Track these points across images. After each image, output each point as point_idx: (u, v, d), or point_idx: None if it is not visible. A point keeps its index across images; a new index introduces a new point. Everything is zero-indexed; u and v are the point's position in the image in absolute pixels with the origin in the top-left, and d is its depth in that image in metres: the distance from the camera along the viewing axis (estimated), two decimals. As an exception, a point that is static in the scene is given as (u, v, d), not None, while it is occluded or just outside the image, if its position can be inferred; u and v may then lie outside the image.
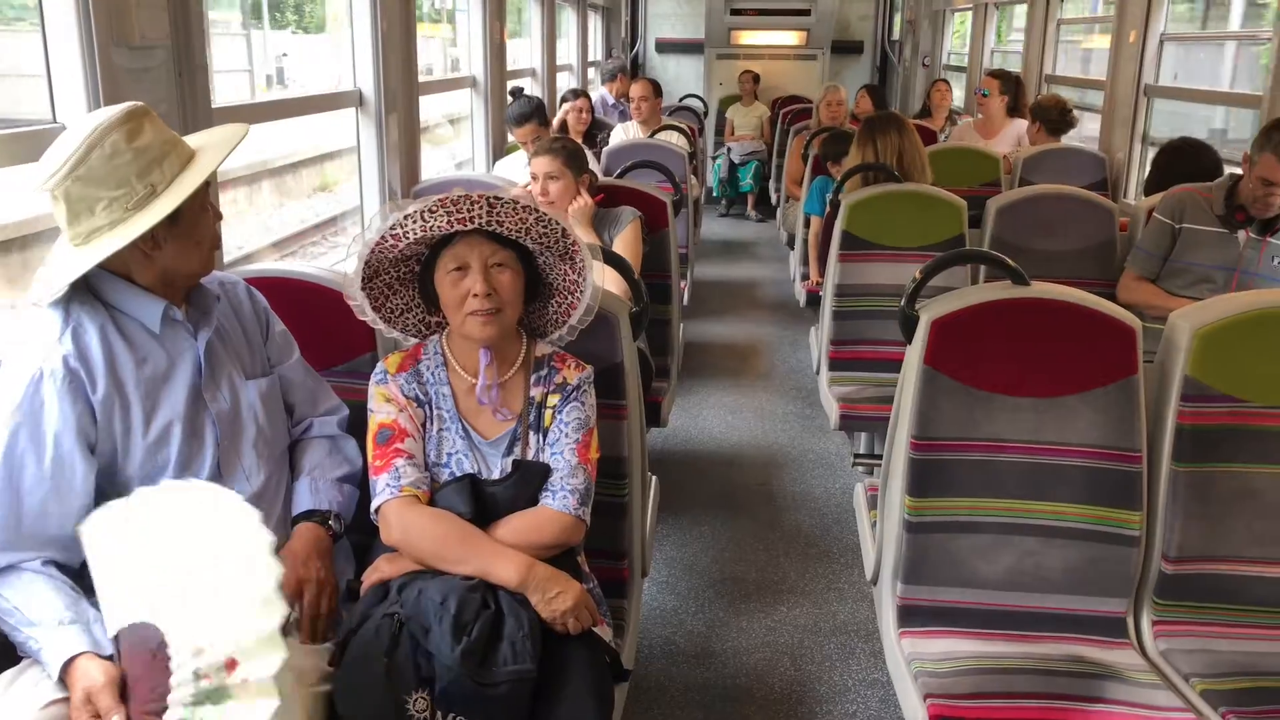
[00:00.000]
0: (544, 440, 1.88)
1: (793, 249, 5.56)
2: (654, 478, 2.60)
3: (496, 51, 5.06)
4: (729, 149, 8.97)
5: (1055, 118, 5.11)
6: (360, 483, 1.95)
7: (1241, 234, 3.11)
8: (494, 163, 4.89)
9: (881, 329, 3.47)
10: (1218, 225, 3.15)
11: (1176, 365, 2.04)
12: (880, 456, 2.27)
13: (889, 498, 2.19)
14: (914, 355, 2.10)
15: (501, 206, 1.75)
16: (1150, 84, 4.81)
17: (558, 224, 1.82)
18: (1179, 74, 5.62)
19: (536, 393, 1.90)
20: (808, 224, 4.79)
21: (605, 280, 2.06)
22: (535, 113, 4.46)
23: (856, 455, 3.46)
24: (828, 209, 4.09)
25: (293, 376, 1.98)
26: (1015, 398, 2.08)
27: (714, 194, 9.21)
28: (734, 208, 9.35)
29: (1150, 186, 3.77)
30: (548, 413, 1.88)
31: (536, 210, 1.79)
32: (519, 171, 4.30)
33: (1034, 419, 2.08)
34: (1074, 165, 4.85)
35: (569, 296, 1.93)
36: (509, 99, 4.82)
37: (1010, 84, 5.70)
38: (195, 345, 1.77)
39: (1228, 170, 3.43)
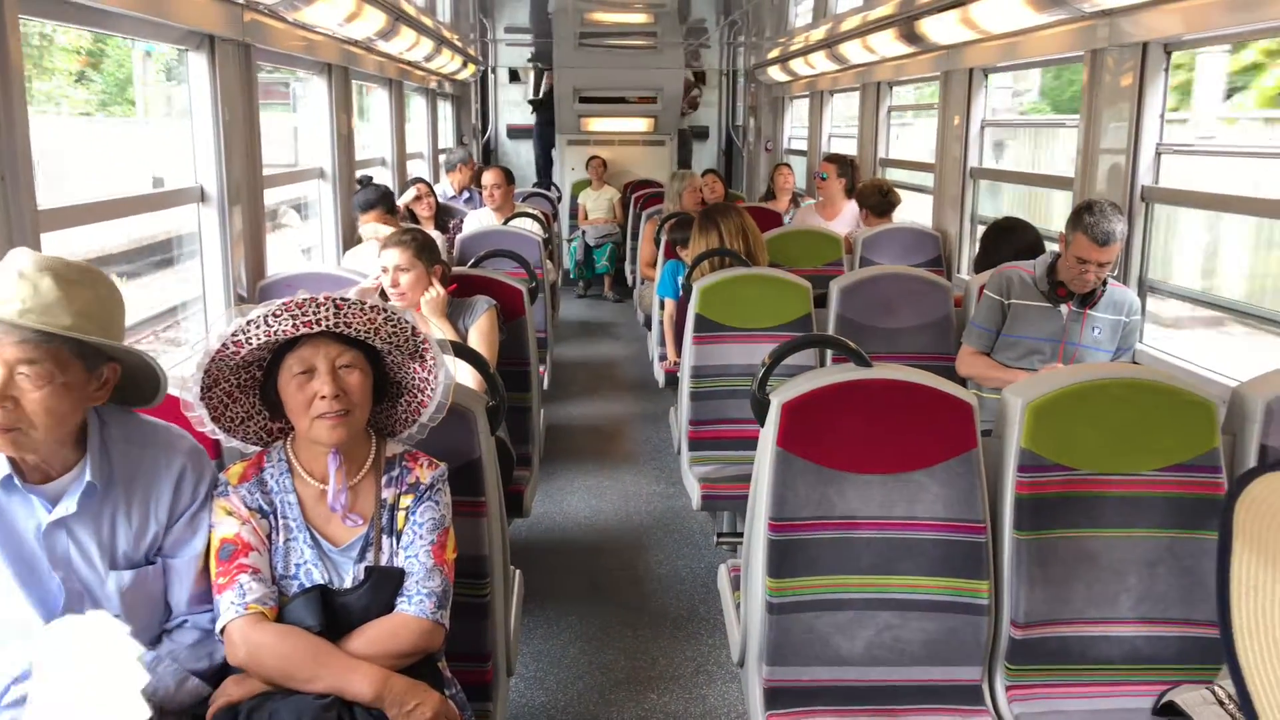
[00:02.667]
0: (398, 544, 1.83)
1: (650, 329, 5.64)
2: (517, 571, 2.55)
3: (344, 141, 5.02)
4: (583, 232, 9.09)
5: (877, 201, 5.39)
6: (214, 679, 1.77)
7: (1064, 308, 3.31)
8: (344, 253, 4.82)
9: (738, 408, 3.54)
10: (1042, 300, 3.35)
11: (1012, 438, 2.15)
12: (743, 535, 2.30)
13: (751, 579, 2.21)
14: (767, 438, 2.14)
15: (349, 308, 1.72)
16: (975, 166, 5.13)
17: (407, 323, 1.80)
18: (1031, 158, 5.98)
19: (388, 494, 1.85)
20: (663, 305, 4.88)
21: (460, 373, 2.04)
22: (380, 200, 4.42)
23: (720, 534, 3.50)
24: (680, 292, 4.17)
25: (183, 572, 1.77)
26: (866, 475, 2.14)
27: (571, 276, 9.30)
28: (591, 289, 9.45)
29: (980, 264, 3.99)
30: (400, 515, 1.84)
31: (385, 310, 1.76)
32: (369, 262, 4.24)
33: (884, 495, 2.14)
34: (910, 243, 5.11)
35: (419, 395, 1.90)
36: (357, 187, 4.78)
37: (846, 167, 5.98)
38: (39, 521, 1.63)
39: (1049, 247, 3.67)
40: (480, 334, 3.19)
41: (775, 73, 8.88)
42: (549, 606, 3.56)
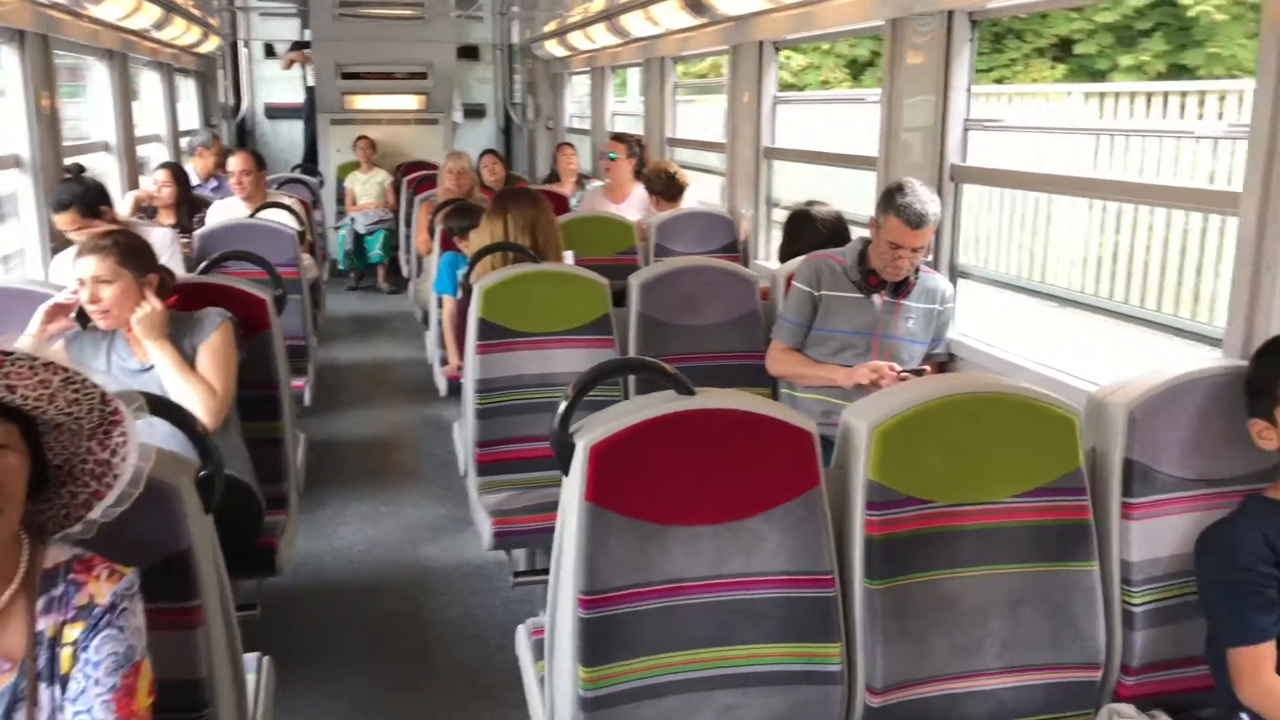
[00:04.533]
0: (63, 694, 1.29)
1: (428, 327, 5.09)
2: (265, 660, 2.03)
3: (46, 124, 4.19)
4: (352, 219, 8.35)
5: (665, 186, 5.08)
6: None
7: (877, 298, 3.06)
8: (52, 259, 4.02)
9: (531, 424, 3.09)
10: (854, 290, 3.08)
11: (858, 470, 1.81)
12: (546, 571, 1.87)
13: (557, 664, 1.78)
14: (573, 491, 1.72)
15: (11, 365, 1.18)
16: (768, 146, 4.88)
17: (95, 388, 1.27)
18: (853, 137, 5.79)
19: (47, 624, 1.30)
20: (440, 303, 4.36)
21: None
22: (78, 198, 3.63)
23: (516, 573, 3.06)
24: (460, 291, 3.68)
25: None
26: (693, 527, 1.76)
27: (340, 267, 8.55)
28: (364, 280, 8.72)
29: (785, 252, 3.70)
30: (66, 652, 1.30)
31: (66, 369, 1.23)
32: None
33: (716, 549, 1.76)
34: (705, 228, 4.81)
35: (93, 482, 1.35)
36: (66, 176, 3.98)
37: (635, 147, 5.63)
38: None
39: (855, 234, 3.42)
40: (211, 355, 2.60)
41: (553, 47, 8.42)
42: (316, 671, 3.01)
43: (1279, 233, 2.10)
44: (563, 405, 1.78)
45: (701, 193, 5.68)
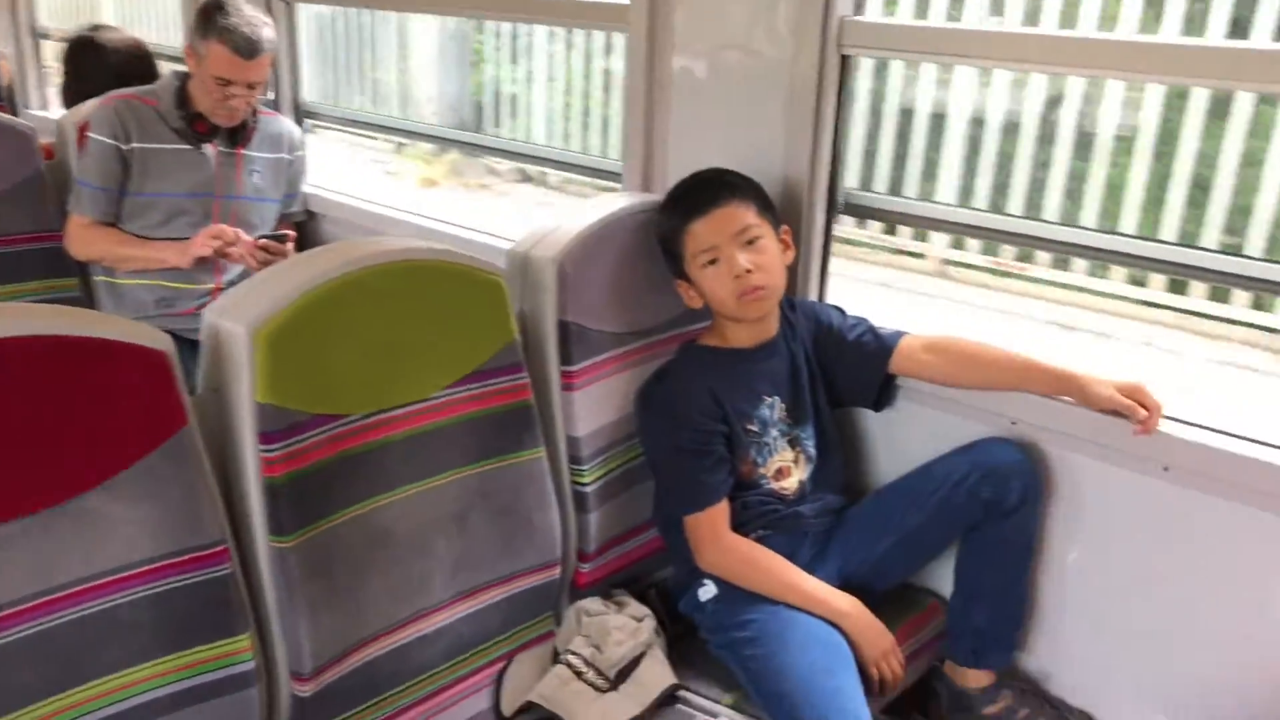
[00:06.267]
0: None
1: None
2: None
3: None
4: None
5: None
6: None
7: (209, 149, 2.41)
8: None
9: None
10: (177, 141, 2.39)
11: (241, 391, 1.28)
12: None
13: None
14: None
15: None
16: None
17: None
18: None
19: None
20: None
21: None
22: None
23: None
24: None
25: None
26: (-14, 530, 1.09)
27: None
28: None
29: (70, 95, 2.82)
30: None
31: None
32: None
33: (31, 556, 1.13)
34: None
35: None
36: None
37: None
38: None
39: (168, 68, 2.67)
40: None
41: None
42: None
43: (667, 49, 1.92)
44: None
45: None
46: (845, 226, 2.14)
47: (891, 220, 3.71)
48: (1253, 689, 1.52)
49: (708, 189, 1.63)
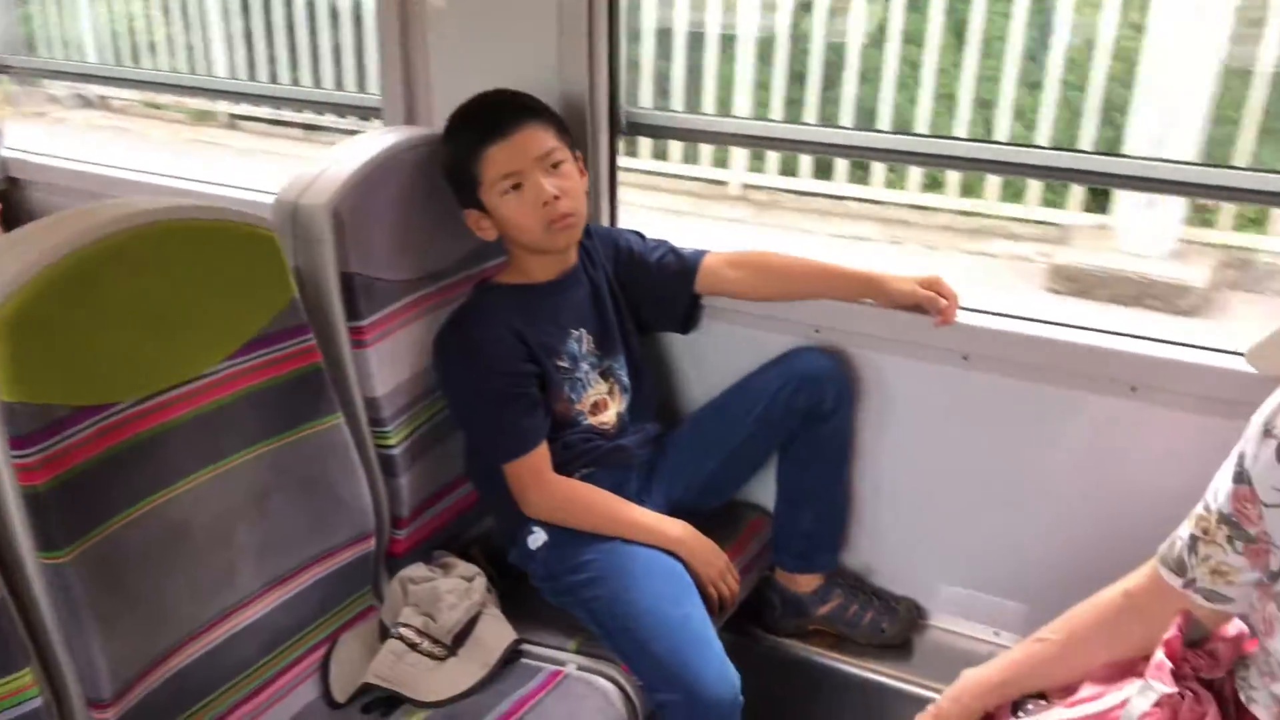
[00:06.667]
0: None
1: None
2: None
3: None
4: None
5: None
6: None
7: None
8: None
9: None
10: None
11: (-23, 392, 1.09)
12: None
13: None
14: None
15: None
16: None
17: None
18: None
19: None
20: None
21: None
22: None
23: None
24: None
25: None
26: None
27: None
28: None
29: None
30: None
31: None
32: None
33: None
34: None
35: None
36: None
37: None
38: None
39: None
40: None
41: None
42: None
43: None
44: None
45: None
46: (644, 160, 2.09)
47: (678, 137, 3.73)
48: (1057, 551, 1.62)
49: (504, 111, 1.52)
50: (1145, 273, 3.90)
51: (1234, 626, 1.08)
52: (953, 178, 4.49)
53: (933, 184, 4.58)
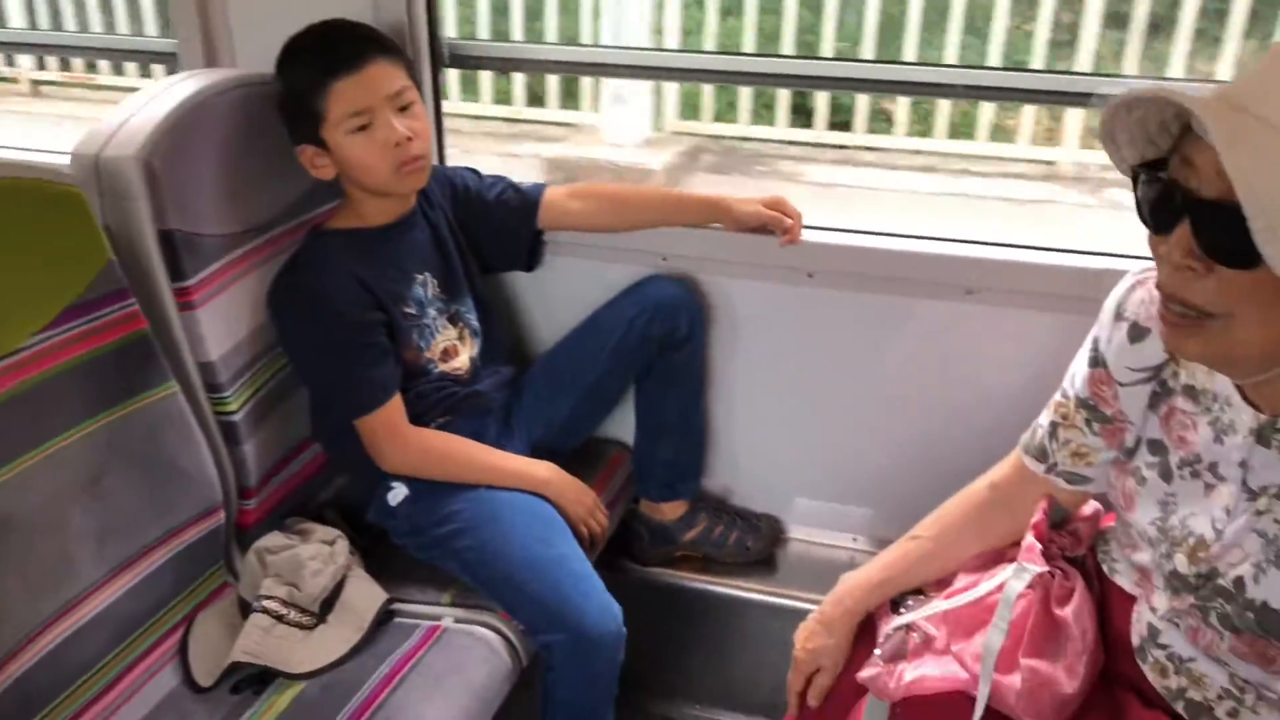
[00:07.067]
0: None
1: None
2: None
3: None
4: None
5: None
6: None
7: None
8: None
9: None
10: None
11: None
12: None
13: None
14: None
15: None
16: None
17: None
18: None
19: None
20: None
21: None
22: None
23: None
24: None
25: None
26: None
27: None
28: None
29: None
30: None
31: None
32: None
33: None
34: None
35: None
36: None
37: None
38: None
39: None
40: None
41: None
42: None
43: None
44: None
45: None
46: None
47: (503, 69, 3.69)
48: (908, 456, 1.70)
49: (351, 43, 1.41)
50: (616, 161, 4.62)
51: (1089, 507, 1.15)
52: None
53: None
